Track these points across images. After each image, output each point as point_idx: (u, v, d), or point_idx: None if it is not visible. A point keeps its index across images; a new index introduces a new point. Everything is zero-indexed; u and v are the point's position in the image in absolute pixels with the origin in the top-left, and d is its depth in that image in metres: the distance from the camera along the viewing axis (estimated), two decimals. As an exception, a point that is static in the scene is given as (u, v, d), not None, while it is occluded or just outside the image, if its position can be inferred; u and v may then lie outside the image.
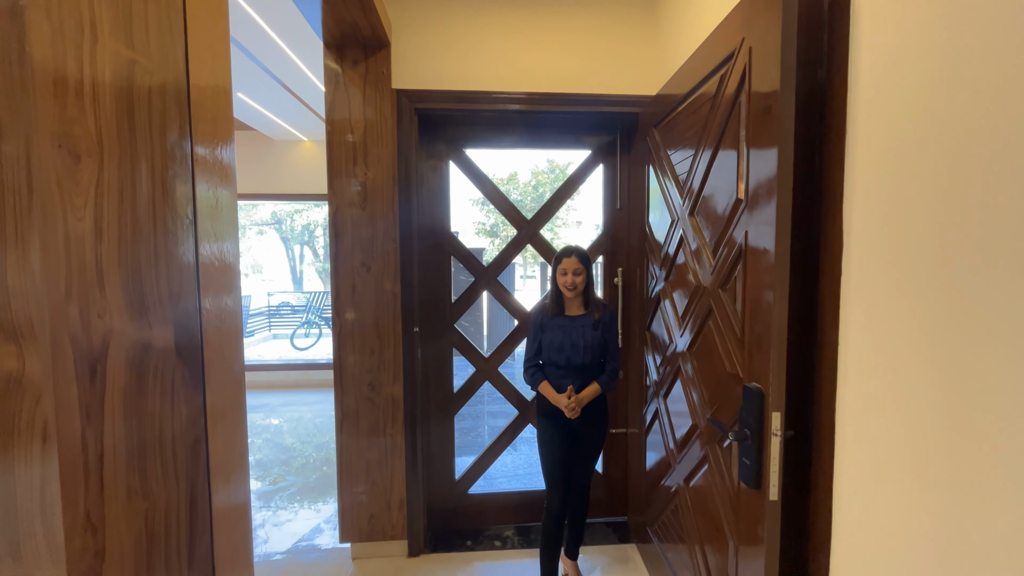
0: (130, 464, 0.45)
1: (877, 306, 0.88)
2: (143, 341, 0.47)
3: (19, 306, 0.37)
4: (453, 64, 1.93)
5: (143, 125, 0.49)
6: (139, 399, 0.46)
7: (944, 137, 0.75)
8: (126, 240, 0.45)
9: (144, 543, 0.47)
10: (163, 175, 0.51)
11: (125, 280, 0.44)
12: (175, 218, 0.54)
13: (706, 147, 1.37)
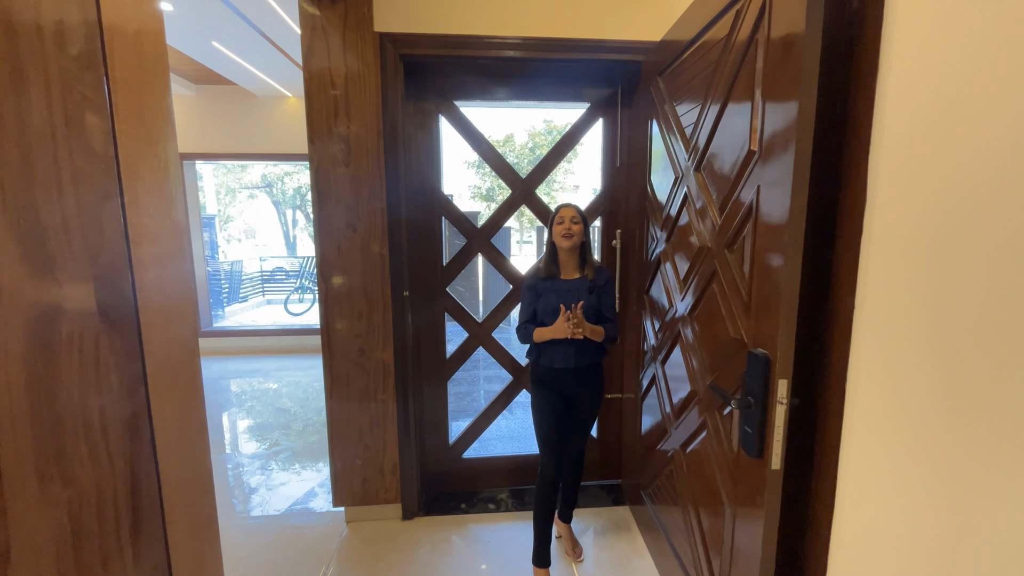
0: (39, 447, 0.38)
1: (905, 268, 0.80)
2: (49, 302, 0.39)
3: None
4: (441, 5, 1.76)
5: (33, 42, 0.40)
6: (48, 369, 0.39)
7: (997, 85, 0.65)
8: (12, 178, 0.36)
9: (68, 537, 0.40)
10: (64, 104, 0.41)
11: (14, 225, 0.36)
12: (90, 159, 0.45)
13: (716, 96, 1.26)
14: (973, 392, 0.68)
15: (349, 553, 1.87)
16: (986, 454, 0.66)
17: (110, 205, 0.46)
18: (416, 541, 1.94)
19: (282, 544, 1.93)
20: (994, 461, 0.65)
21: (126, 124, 0.52)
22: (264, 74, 4.04)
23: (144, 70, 0.55)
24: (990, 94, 0.66)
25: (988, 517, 0.66)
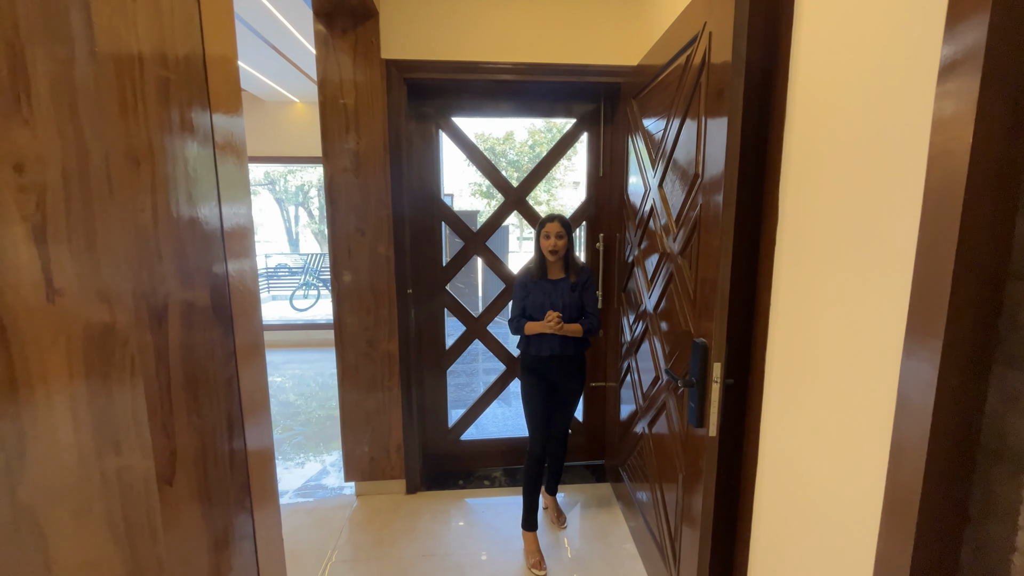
0: (188, 391, 0.60)
1: (800, 274, 1.03)
2: (189, 300, 0.61)
3: (108, 276, 0.51)
4: (441, 34, 1.98)
5: (174, 113, 0.61)
6: (189, 343, 0.61)
7: (834, 135, 0.87)
8: (173, 221, 0.58)
9: (201, 450, 0.63)
10: (195, 159, 0.63)
11: (174, 254, 0.58)
12: (207, 199, 0.67)
13: (673, 122, 1.47)
14: (820, 374, 0.91)
15: (359, 521, 2.11)
16: (835, 424, 0.89)
17: (215, 228, 0.68)
18: (418, 512, 2.17)
19: (300, 514, 2.17)
20: (833, 426, 0.88)
21: (220, 138, 0.73)
22: (274, 82, 4.25)
23: (228, 88, 0.77)
24: (833, 143, 0.88)
25: (837, 462, 0.89)
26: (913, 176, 0.75)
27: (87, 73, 0.48)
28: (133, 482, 0.55)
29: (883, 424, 0.80)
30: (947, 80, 0.68)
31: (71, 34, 0.48)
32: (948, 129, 0.68)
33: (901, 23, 0.77)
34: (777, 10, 1.10)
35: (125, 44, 0.52)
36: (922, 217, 0.72)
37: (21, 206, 0.49)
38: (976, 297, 0.68)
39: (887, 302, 0.79)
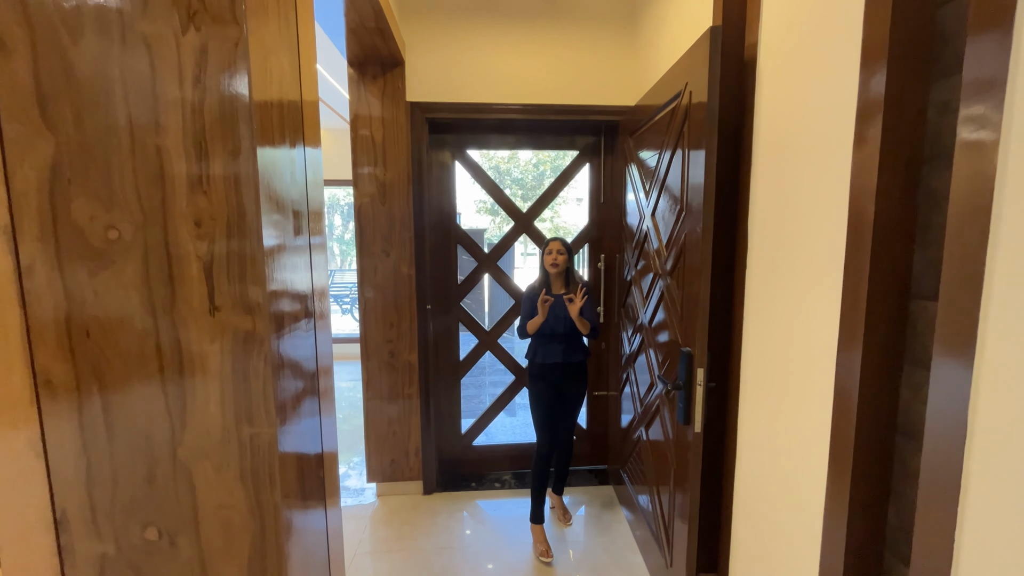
0: (293, 382, 0.82)
1: (765, 292, 1.24)
2: (294, 312, 0.83)
3: (251, 295, 0.73)
4: (458, 79, 2.24)
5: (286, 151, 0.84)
6: (295, 346, 0.83)
7: (778, 176, 1.10)
8: (284, 253, 0.80)
9: (300, 427, 0.84)
10: (299, 190, 0.85)
11: (285, 282, 0.80)
12: (303, 227, 0.89)
13: (663, 160, 1.70)
14: (778, 375, 1.11)
15: (381, 518, 2.29)
16: (796, 419, 1.09)
17: (305, 244, 0.90)
18: (435, 510, 2.35)
19: (325, 512, 2.35)
20: (792, 424, 1.08)
21: (312, 171, 0.95)
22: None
23: (314, 126, 0.99)
24: (777, 186, 1.10)
25: (800, 437, 1.09)
26: (841, 213, 0.96)
27: (249, 160, 0.71)
28: (260, 445, 0.76)
29: (827, 413, 1.00)
30: (860, 147, 0.90)
31: (238, 131, 0.70)
32: (860, 180, 0.89)
33: (833, 96, 1.00)
34: (743, 75, 1.33)
35: (269, 134, 0.75)
36: (846, 247, 0.93)
37: (197, 248, 0.72)
38: (886, 312, 0.89)
39: (826, 315, 1.00)
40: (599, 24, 2.26)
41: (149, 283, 0.72)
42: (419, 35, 2.21)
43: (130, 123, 0.69)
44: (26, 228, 0.70)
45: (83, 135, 0.69)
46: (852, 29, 0.93)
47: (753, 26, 1.29)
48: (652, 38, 2.06)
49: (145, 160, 0.70)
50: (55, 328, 0.71)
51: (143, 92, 0.69)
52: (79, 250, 0.70)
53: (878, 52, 0.85)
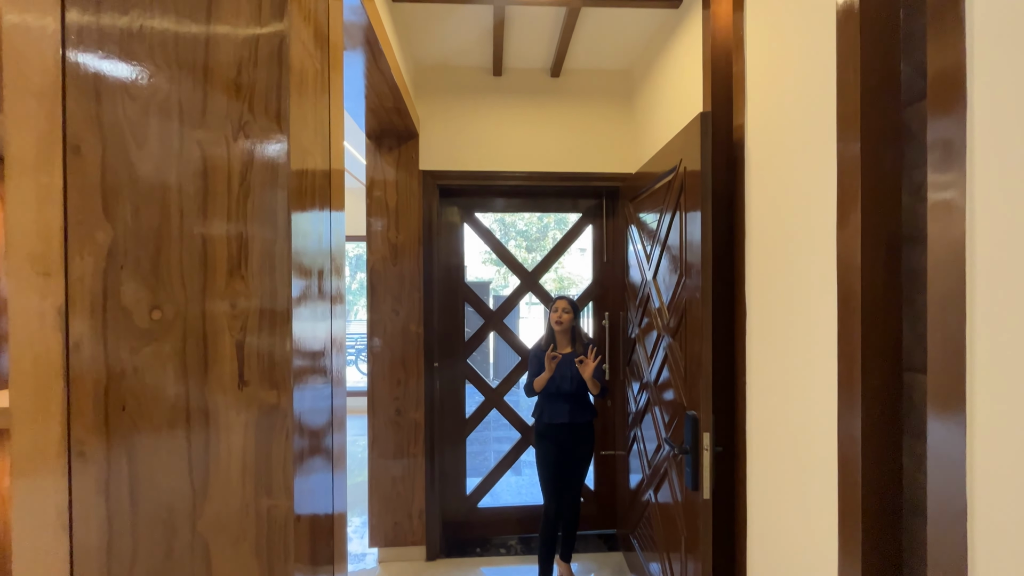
0: (310, 435, 0.86)
1: (764, 358, 1.28)
2: (312, 367, 0.88)
3: (276, 372, 0.78)
4: (468, 150, 2.40)
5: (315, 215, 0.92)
6: (312, 409, 0.87)
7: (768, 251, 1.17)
8: (309, 323, 0.86)
9: (313, 493, 0.87)
10: (324, 256, 0.93)
11: (308, 353, 0.86)
12: (327, 295, 0.96)
13: (662, 227, 1.79)
14: (782, 443, 1.13)
15: (382, 587, 2.21)
16: (792, 490, 1.10)
17: (327, 303, 0.96)
18: (438, 579, 2.27)
19: (325, 580, 2.27)
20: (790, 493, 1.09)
21: (335, 237, 1.02)
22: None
23: (339, 191, 1.07)
24: (767, 258, 1.17)
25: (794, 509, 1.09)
26: (830, 284, 1.02)
27: (284, 249, 0.78)
28: (277, 517, 0.78)
29: (833, 480, 1.01)
30: (843, 228, 0.97)
31: (276, 223, 0.78)
32: (845, 257, 0.96)
33: (816, 177, 1.08)
34: (732, 154, 1.44)
35: (302, 216, 0.83)
36: (838, 321, 0.98)
37: (231, 327, 0.78)
38: (881, 384, 0.93)
39: (825, 382, 1.03)
40: (599, 100, 2.45)
41: (185, 359, 0.77)
42: (432, 110, 2.39)
43: (180, 215, 0.77)
44: (78, 309, 0.76)
45: (138, 226, 0.77)
46: (828, 118, 1.03)
47: (739, 111, 1.42)
48: (648, 115, 2.22)
49: (191, 248, 0.77)
50: (94, 402, 0.76)
51: (194, 188, 0.78)
52: (124, 329, 0.77)
53: (852, 148, 0.94)
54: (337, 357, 1.02)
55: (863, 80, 0.91)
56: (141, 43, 0.78)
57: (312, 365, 0.87)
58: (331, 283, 0.98)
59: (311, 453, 0.87)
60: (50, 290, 0.76)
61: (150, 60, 0.78)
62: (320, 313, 0.92)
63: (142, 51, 0.78)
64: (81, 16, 0.78)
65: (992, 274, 0.68)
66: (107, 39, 0.78)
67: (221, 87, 0.79)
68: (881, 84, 0.92)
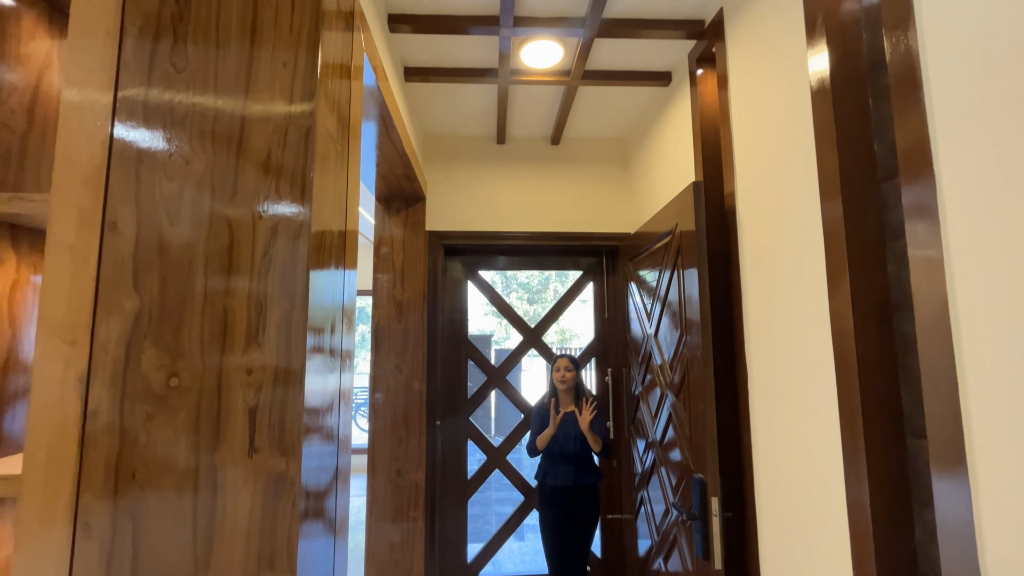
0: (315, 498, 0.85)
1: (769, 420, 1.28)
2: (321, 442, 0.89)
3: (289, 438, 0.79)
4: (473, 210, 2.51)
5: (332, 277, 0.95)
6: (317, 473, 0.87)
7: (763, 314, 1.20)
8: (320, 388, 0.88)
9: (318, 546, 0.85)
10: (338, 317, 0.96)
11: (318, 419, 0.87)
12: (340, 356, 0.98)
13: (661, 287, 1.84)
14: (791, 509, 1.11)
15: (376, 669, 2.05)
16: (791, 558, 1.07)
17: (337, 366, 0.98)
18: (436, 659, 2.11)
19: (314, 660, 2.12)
20: (822, 550, 1.06)
21: (348, 296, 1.06)
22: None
23: (353, 252, 1.11)
24: (763, 323, 1.20)
25: None
26: (826, 346, 1.04)
27: (301, 319, 0.82)
28: (278, 591, 0.77)
29: (846, 549, 0.98)
30: (834, 294, 1.01)
31: (295, 292, 0.83)
32: (838, 323, 0.99)
33: (805, 244, 1.14)
34: (725, 219, 1.52)
35: (320, 286, 0.88)
36: (837, 386, 1.00)
37: (245, 394, 0.80)
38: (884, 451, 0.93)
39: (829, 446, 1.03)
40: (597, 166, 2.58)
41: (198, 426, 0.79)
42: (439, 175, 2.53)
43: (205, 285, 0.82)
44: (99, 376, 0.79)
45: (164, 297, 0.81)
46: (811, 188, 1.10)
47: (729, 179, 1.50)
48: (643, 179, 2.34)
49: (213, 317, 0.81)
50: (105, 470, 0.77)
51: (220, 262, 0.83)
52: (142, 396, 0.79)
53: (835, 215, 1.00)
54: (344, 416, 1.03)
55: (841, 160, 0.99)
56: (183, 121, 0.86)
57: (320, 427, 0.89)
58: (342, 339, 1.01)
59: (315, 518, 0.86)
60: (74, 358, 0.79)
61: (190, 138, 0.86)
62: (331, 374, 0.94)
63: (183, 129, 0.86)
64: (132, 90, 0.86)
65: (975, 332, 0.71)
66: (153, 116, 0.86)
67: (252, 168, 0.86)
68: (857, 163, 0.99)
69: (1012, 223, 0.67)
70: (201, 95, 0.88)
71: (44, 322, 0.80)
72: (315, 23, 0.91)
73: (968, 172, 0.73)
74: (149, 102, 0.87)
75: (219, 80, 0.88)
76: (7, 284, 0.95)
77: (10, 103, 0.95)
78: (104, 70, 0.87)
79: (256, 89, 0.89)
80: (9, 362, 0.95)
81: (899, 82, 0.84)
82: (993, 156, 0.69)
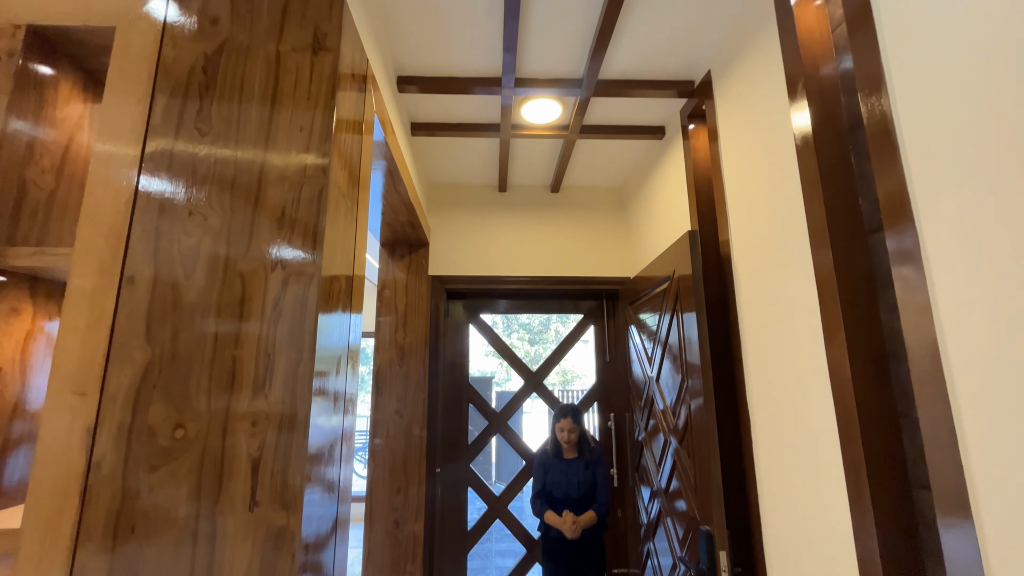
0: (313, 550, 0.83)
1: (775, 472, 1.26)
2: (322, 493, 0.88)
3: (290, 492, 0.79)
4: (475, 256, 2.56)
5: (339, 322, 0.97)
6: (316, 525, 0.86)
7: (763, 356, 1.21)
8: (323, 439, 0.88)
9: None
10: (345, 361, 0.97)
11: (321, 471, 0.87)
12: (348, 401, 0.98)
13: (660, 330, 1.86)
14: (802, 563, 1.08)
15: None
16: (832, 604, 1.03)
17: (340, 414, 0.98)
18: None
19: None
20: (836, 609, 1.02)
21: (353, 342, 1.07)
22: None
23: (360, 296, 1.12)
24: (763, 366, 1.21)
25: (843, 654, 1.00)
26: (826, 393, 1.05)
27: (307, 369, 0.84)
28: (274, 654, 0.74)
29: (858, 614, 0.95)
30: (830, 344, 1.03)
31: (303, 343, 0.85)
32: (837, 372, 1.00)
33: (800, 291, 1.17)
34: (721, 266, 1.56)
35: (327, 327, 0.90)
36: (839, 436, 1.00)
37: (249, 446, 0.81)
38: (891, 503, 0.92)
39: (838, 496, 1.02)
40: (595, 212, 2.66)
41: (200, 478, 0.79)
42: (442, 222, 2.60)
43: (216, 338, 0.84)
44: (106, 428, 0.80)
45: (175, 347, 0.84)
46: (802, 238, 1.14)
47: (723, 228, 1.55)
48: (640, 225, 2.41)
49: (221, 368, 0.83)
50: (104, 524, 0.77)
51: (231, 312, 0.86)
52: (147, 448, 0.80)
53: (826, 264, 1.04)
54: (345, 464, 1.03)
55: (828, 212, 1.04)
56: (204, 180, 0.91)
57: (322, 477, 0.88)
58: (346, 382, 1.02)
59: (313, 574, 0.84)
60: (83, 410, 0.80)
61: (209, 196, 0.91)
62: (334, 417, 0.95)
63: (204, 187, 0.91)
64: (158, 150, 0.91)
65: (968, 379, 0.72)
66: (176, 174, 0.91)
67: (267, 222, 0.90)
68: (845, 215, 1.04)
69: (993, 271, 0.70)
70: (222, 155, 0.93)
71: (56, 373, 0.82)
72: (331, 89, 0.99)
73: (947, 222, 0.76)
74: (174, 161, 0.92)
75: (240, 141, 0.94)
76: (22, 334, 0.98)
77: (42, 163, 1.01)
78: (133, 132, 0.93)
79: (274, 149, 0.94)
80: (16, 411, 0.96)
81: (876, 142, 0.90)
82: (968, 207, 0.73)
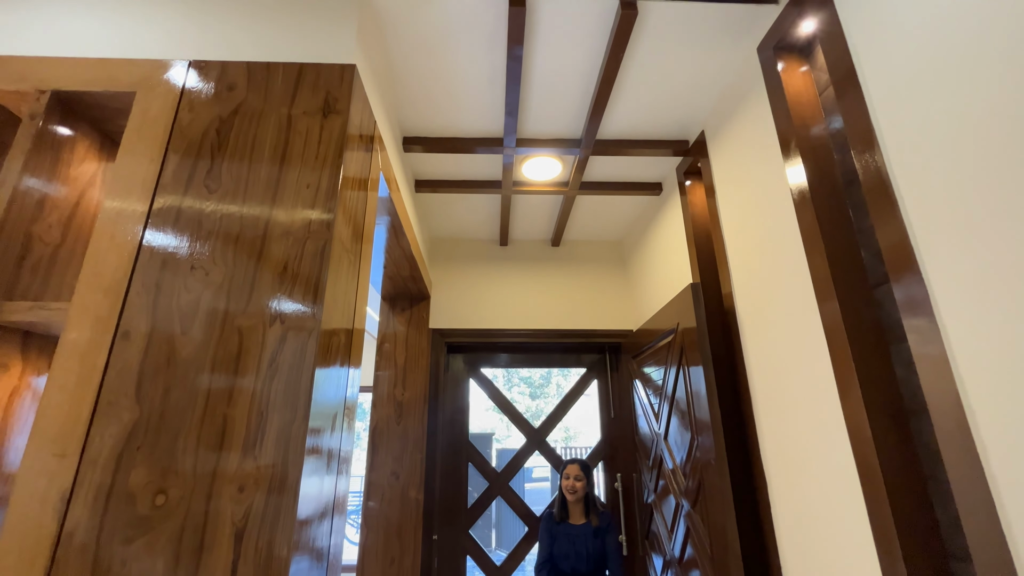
0: None
1: (793, 531, 1.18)
2: (312, 550, 0.81)
3: (275, 566, 0.73)
4: (475, 309, 2.55)
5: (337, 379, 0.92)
6: (315, 544, 0.78)
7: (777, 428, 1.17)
8: (313, 505, 0.82)
9: None
10: (342, 416, 0.91)
11: (309, 541, 0.81)
12: (345, 456, 0.92)
13: (667, 385, 1.81)
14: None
15: None
16: None
17: (336, 466, 0.92)
18: None
19: None
20: None
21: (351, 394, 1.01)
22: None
23: (359, 349, 1.07)
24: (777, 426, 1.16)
25: None
26: (846, 451, 0.99)
27: (300, 430, 0.80)
28: None
29: None
30: (845, 399, 0.99)
31: (298, 401, 0.82)
32: (855, 429, 0.95)
33: (809, 345, 1.14)
34: (725, 318, 1.54)
35: (323, 387, 0.86)
36: (865, 502, 0.93)
37: (234, 513, 0.75)
38: (928, 575, 0.84)
39: (870, 571, 0.94)
40: (596, 266, 2.68)
41: (179, 551, 0.73)
42: (444, 275, 2.61)
43: (208, 395, 0.81)
44: (82, 493, 0.75)
45: (165, 406, 0.80)
46: (806, 290, 1.13)
47: (725, 280, 1.55)
48: (641, 278, 2.42)
49: (212, 427, 0.79)
50: (68, 606, 0.70)
51: (227, 368, 0.83)
52: (124, 517, 0.74)
53: (836, 324, 1.02)
54: (337, 531, 0.95)
55: (831, 265, 1.03)
56: (209, 235, 0.91)
57: (311, 546, 0.82)
58: (341, 439, 0.97)
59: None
60: (60, 472, 0.76)
61: (212, 252, 0.90)
62: (327, 477, 0.89)
63: (208, 242, 0.91)
64: (166, 207, 0.92)
65: (999, 435, 0.68)
66: (181, 230, 0.91)
67: (269, 276, 0.90)
68: (848, 267, 1.03)
69: (1009, 317, 0.68)
70: (228, 212, 0.94)
71: (37, 433, 0.78)
72: (339, 149, 1.02)
73: (954, 271, 0.76)
74: (180, 217, 0.93)
75: (247, 198, 0.96)
76: (7, 391, 0.95)
77: (50, 219, 1.02)
78: (143, 189, 0.95)
79: (281, 205, 0.96)
80: (-9, 474, 0.91)
81: (873, 196, 0.91)
82: (975, 253, 0.73)
